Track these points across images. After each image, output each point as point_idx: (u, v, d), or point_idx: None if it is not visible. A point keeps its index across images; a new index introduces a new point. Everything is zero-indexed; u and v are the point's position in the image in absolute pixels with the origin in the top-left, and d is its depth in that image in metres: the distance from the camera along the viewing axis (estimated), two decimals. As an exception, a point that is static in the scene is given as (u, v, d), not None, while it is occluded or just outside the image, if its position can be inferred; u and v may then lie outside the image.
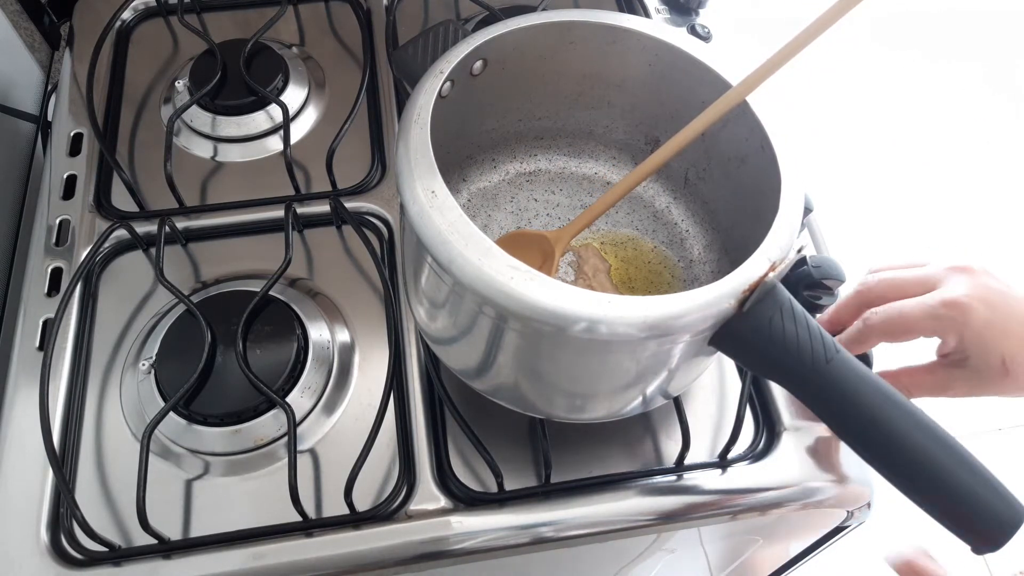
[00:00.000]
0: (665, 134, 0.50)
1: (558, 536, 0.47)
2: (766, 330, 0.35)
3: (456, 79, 0.43)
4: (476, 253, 0.34)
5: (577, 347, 0.37)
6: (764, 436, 0.51)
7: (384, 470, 0.49)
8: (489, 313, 0.36)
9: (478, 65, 0.44)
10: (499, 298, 0.34)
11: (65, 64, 0.66)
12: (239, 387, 0.49)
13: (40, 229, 0.57)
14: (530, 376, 0.42)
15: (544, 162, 0.54)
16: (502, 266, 0.34)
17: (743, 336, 0.36)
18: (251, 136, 0.62)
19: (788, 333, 0.35)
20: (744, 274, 0.35)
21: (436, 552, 0.46)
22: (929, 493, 0.35)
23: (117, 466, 0.49)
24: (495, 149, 0.53)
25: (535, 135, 0.53)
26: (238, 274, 0.56)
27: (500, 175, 0.53)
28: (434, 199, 0.36)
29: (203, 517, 0.47)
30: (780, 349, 0.35)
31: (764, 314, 0.35)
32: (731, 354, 0.38)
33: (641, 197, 0.53)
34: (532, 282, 0.33)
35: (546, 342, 0.37)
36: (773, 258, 0.35)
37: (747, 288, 0.34)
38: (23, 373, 0.51)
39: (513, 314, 0.34)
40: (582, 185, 0.53)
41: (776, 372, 0.37)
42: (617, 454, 0.50)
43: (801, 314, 0.35)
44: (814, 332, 0.35)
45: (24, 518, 0.46)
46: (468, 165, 0.52)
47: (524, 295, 0.33)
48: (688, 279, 0.51)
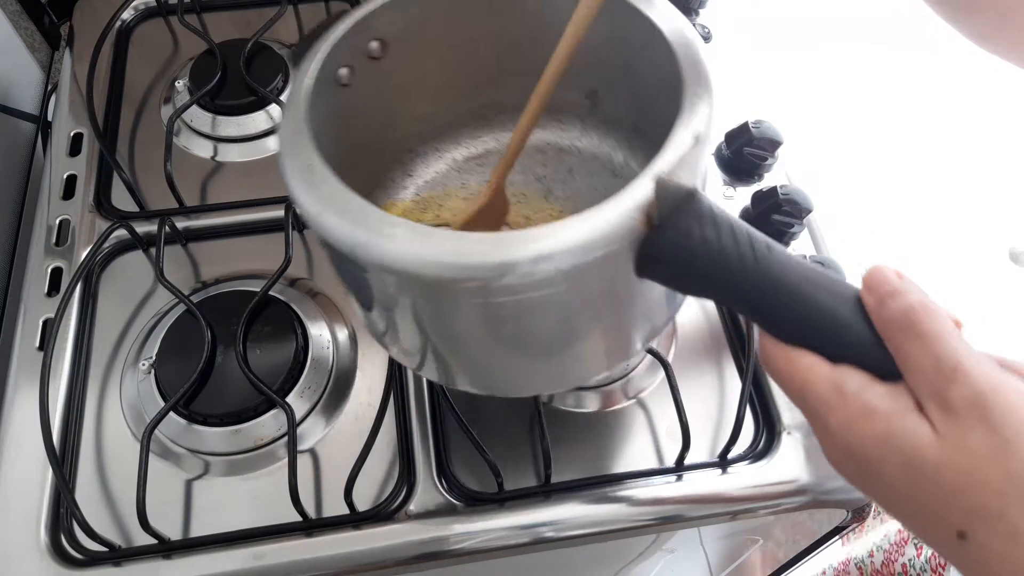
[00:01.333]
0: (599, 84, 0.46)
1: (558, 536, 0.47)
2: (685, 243, 0.31)
3: (354, 64, 0.39)
4: (351, 218, 0.31)
5: (492, 300, 0.32)
6: (764, 436, 0.51)
7: (384, 470, 0.49)
8: (383, 282, 0.33)
9: (375, 46, 0.40)
10: (383, 261, 0.30)
11: (65, 64, 0.66)
12: (239, 387, 0.49)
13: (40, 229, 0.57)
14: (452, 349, 0.38)
15: (491, 141, 0.50)
16: (379, 224, 0.30)
17: (664, 256, 0.31)
18: (251, 136, 0.62)
19: (710, 241, 0.30)
20: (644, 183, 0.30)
21: (436, 552, 0.46)
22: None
23: (117, 466, 0.49)
24: (436, 138, 0.49)
25: (474, 115, 0.49)
26: (238, 274, 0.56)
27: (447, 163, 0.50)
28: (312, 176, 0.33)
29: (203, 517, 0.47)
30: (705, 261, 0.31)
31: (680, 227, 0.31)
32: (660, 280, 0.33)
33: (596, 156, 0.49)
34: (414, 235, 0.30)
35: (444, 303, 0.33)
36: (672, 159, 0.31)
37: (650, 201, 0.30)
38: (23, 373, 0.51)
39: (399, 274, 0.31)
40: (534, 157, 0.50)
41: (707, 287, 0.32)
42: (617, 454, 0.50)
43: (724, 219, 0.31)
44: (741, 235, 0.31)
45: (24, 518, 0.46)
46: (410, 159, 0.49)
47: (404, 252, 0.30)
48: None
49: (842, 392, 0.28)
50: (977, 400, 0.25)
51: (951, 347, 0.26)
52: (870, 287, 0.29)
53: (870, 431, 0.27)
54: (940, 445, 0.26)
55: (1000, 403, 0.25)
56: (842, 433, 0.28)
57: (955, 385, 0.26)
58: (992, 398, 0.25)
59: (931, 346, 0.26)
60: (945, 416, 0.26)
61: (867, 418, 0.27)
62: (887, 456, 0.27)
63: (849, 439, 0.28)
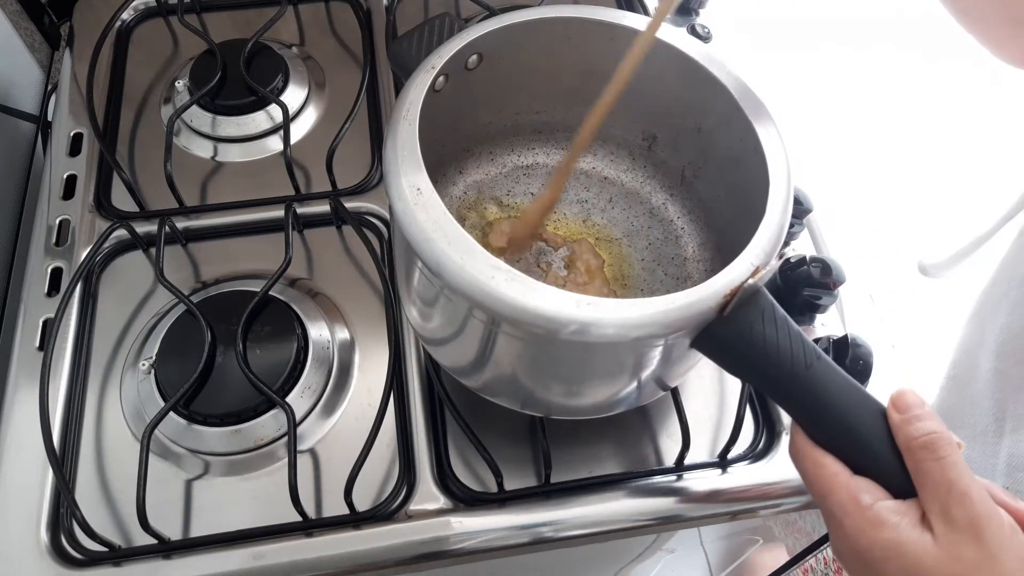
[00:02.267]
0: (662, 131, 0.50)
1: (558, 536, 0.47)
2: (746, 336, 0.35)
3: (450, 73, 0.43)
4: (458, 252, 0.34)
5: (556, 347, 0.37)
6: (764, 436, 0.51)
7: (384, 470, 0.49)
8: (470, 312, 0.37)
9: (473, 59, 0.44)
10: (479, 297, 0.34)
11: (65, 64, 0.66)
12: (239, 387, 0.49)
13: (40, 229, 0.57)
14: (516, 374, 0.42)
15: (542, 156, 0.54)
16: (483, 266, 0.34)
17: (723, 341, 0.35)
18: (251, 136, 0.62)
19: (769, 339, 0.34)
20: (726, 278, 0.35)
21: (436, 552, 0.46)
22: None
23: (117, 466, 0.49)
24: (492, 142, 0.53)
25: (533, 129, 0.53)
26: (237, 274, 0.56)
27: (497, 168, 0.53)
28: (419, 196, 0.36)
29: (203, 517, 0.47)
30: (760, 354, 0.35)
31: (745, 319, 0.35)
32: (712, 357, 0.37)
33: (638, 193, 0.53)
34: (512, 283, 0.34)
35: (525, 342, 0.38)
36: (756, 263, 0.35)
37: (728, 292, 0.34)
38: (23, 373, 0.51)
39: (492, 312, 0.35)
40: (579, 180, 0.53)
41: (756, 377, 0.36)
42: (617, 454, 0.50)
43: (783, 319, 0.35)
44: (795, 338, 0.35)
45: (24, 518, 0.46)
46: (465, 157, 0.52)
47: (503, 295, 0.34)
48: (681, 277, 0.51)
49: (859, 502, 0.33)
50: (975, 521, 0.31)
51: (962, 474, 0.32)
52: (898, 407, 0.34)
53: (878, 538, 0.32)
54: (937, 554, 0.31)
55: (992, 526, 0.31)
56: (855, 536, 0.33)
57: (960, 507, 0.31)
58: (986, 522, 0.31)
59: (947, 470, 0.32)
60: (947, 529, 0.31)
61: (877, 527, 0.32)
62: (891, 559, 0.32)
63: (859, 541, 0.33)
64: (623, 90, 0.40)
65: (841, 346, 0.49)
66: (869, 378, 0.48)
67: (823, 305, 0.53)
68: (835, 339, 0.50)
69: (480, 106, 0.49)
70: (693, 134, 0.47)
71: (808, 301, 0.52)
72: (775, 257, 0.37)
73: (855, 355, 0.48)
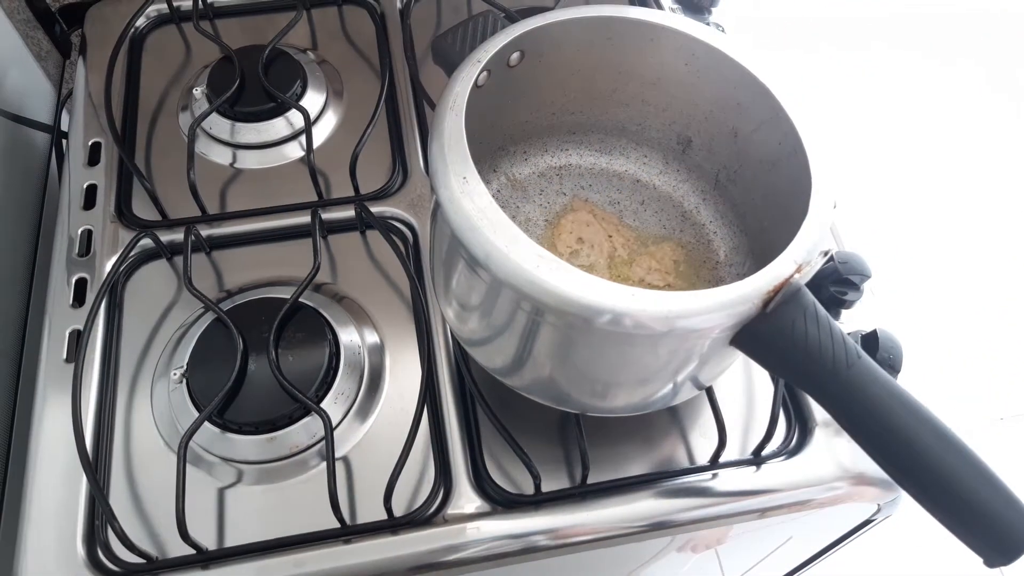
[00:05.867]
0: (698, 135, 0.50)
1: (595, 538, 0.47)
2: (788, 333, 0.35)
3: (492, 69, 0.43)
4: (504, 240, 0.34)
5: (598, 338, 0.37)
6: (796, 432, 0.51)
7: (419, 473, 0.49)
8: (513, 302, 0.37)
9: (515, 56, 0.44)
10: (524, 286, 0.34)
11: (79, 73, 0.66)
12: (273, 395, 0.48)
13: (61, 240, 0.57)
14: (557, 369, 0.42)
15: (575, 157, 0.54)
16: (529, 254, 0.34)
17: (765, 338, 0.36)
18: (270, 143, 0.62)
19: (811, 337, 0.35)
20: (769, 275, 0.35)
21: (473, 557, 0.46)
22: (944, 504, 0.34)
23: (149, 476, 0.49)
24: (527, 141, 0.53)
25: (568, 129, 0.53)
26: (261, 281, 0.56)
27: (531, 168, 0.53)
28: (465, 185, 0.36)
29: (237, 526, 0.47)
30: (801, 353, 0.35)
31: (787, 316, 0.35)
32: (752, 355, 0.37)
33: (671, 196, 0.53)
34: (558, 271, 0.34)
35: (567, 333, 0.38)
36: (799, 260, 0.35)
37: (772, 289, 0.34)
38: (51, 386, 0.50)
39: (537, 302, 0.35)
40: (612, 182, 0.53)
41: (796, 375, 0.36)
42: (647, 452, 0.50)
43: (824, 318, 0.35)
44: (836, 337, 0.35)
45: (60, 532, 0.45)
46: (499, 156, 0.52)
47: (548, 283, 0.34)
48: (713, 280, 0.51)
49: None
50: None
51: None
52: None
53: None
54: None
55: None
56: None
57: None
58: None
59: None
60: None
61: None
62: None
63: None
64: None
65: (870, 341, 0.50)
66: (899, 373, 0.48)
67: (849, 301, 0.53)
68: (864, 334, 0.50)
69: (518, 104, 0.49)
70: (729, 138, 0.47)
71: (834, 297, 0.53)
72: (818, 255, 0.37)
73: (884, 350, 0.49)
